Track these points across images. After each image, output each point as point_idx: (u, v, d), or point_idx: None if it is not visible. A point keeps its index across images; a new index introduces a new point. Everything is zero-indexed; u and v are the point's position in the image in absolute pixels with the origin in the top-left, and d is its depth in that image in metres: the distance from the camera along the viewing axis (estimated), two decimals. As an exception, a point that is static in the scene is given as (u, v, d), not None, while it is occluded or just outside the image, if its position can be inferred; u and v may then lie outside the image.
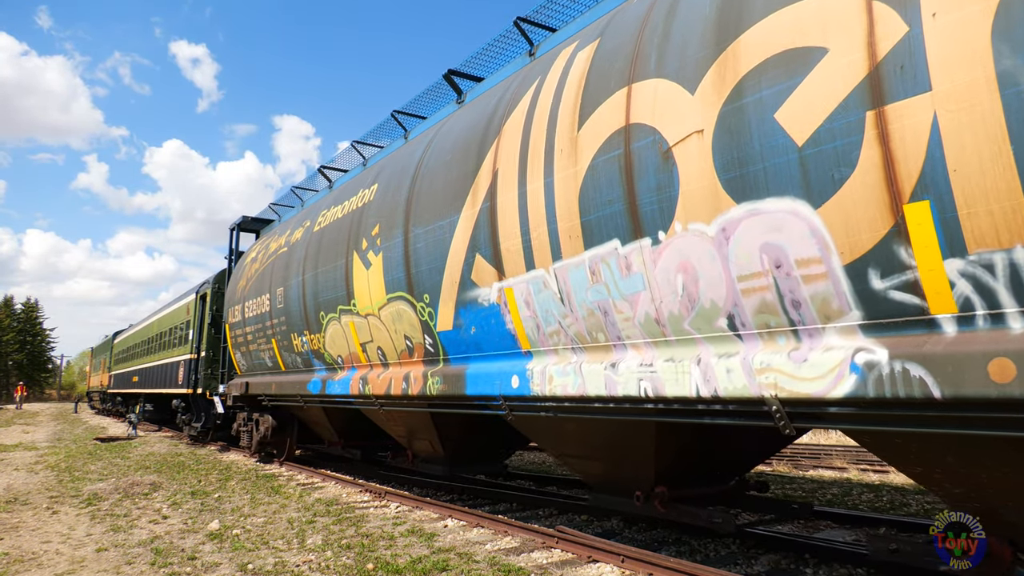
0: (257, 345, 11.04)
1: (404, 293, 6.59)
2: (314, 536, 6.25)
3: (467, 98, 7.14)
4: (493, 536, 6.19)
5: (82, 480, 10.36)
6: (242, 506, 7.94)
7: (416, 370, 6.63)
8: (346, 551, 5.63)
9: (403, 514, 7.35)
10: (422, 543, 5.93)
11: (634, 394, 4.16)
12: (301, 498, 8.44)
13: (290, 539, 6.16)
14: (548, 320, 4.90)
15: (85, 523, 7.10)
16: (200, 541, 6.19)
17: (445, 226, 5.90)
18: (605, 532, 6.30)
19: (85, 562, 5.54)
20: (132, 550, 5.87)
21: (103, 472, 11.26)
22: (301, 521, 6.95)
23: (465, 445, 7.75)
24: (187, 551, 5.79)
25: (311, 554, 5.57)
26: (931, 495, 8.28)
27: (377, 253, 7.04)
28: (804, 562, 5.14)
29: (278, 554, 5.61)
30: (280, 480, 10.16)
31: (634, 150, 4.07)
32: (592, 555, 5.28)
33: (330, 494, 8.82)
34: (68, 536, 6.51)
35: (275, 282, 10.04)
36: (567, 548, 5.54)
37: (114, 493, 9.02)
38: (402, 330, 6.76)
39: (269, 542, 6.05)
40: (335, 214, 8.59)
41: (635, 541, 5.85)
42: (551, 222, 4.71)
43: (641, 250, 4.07)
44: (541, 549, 5.64)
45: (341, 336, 8.05)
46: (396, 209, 6.82)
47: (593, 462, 5.55)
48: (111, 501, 8.40)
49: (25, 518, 7.37)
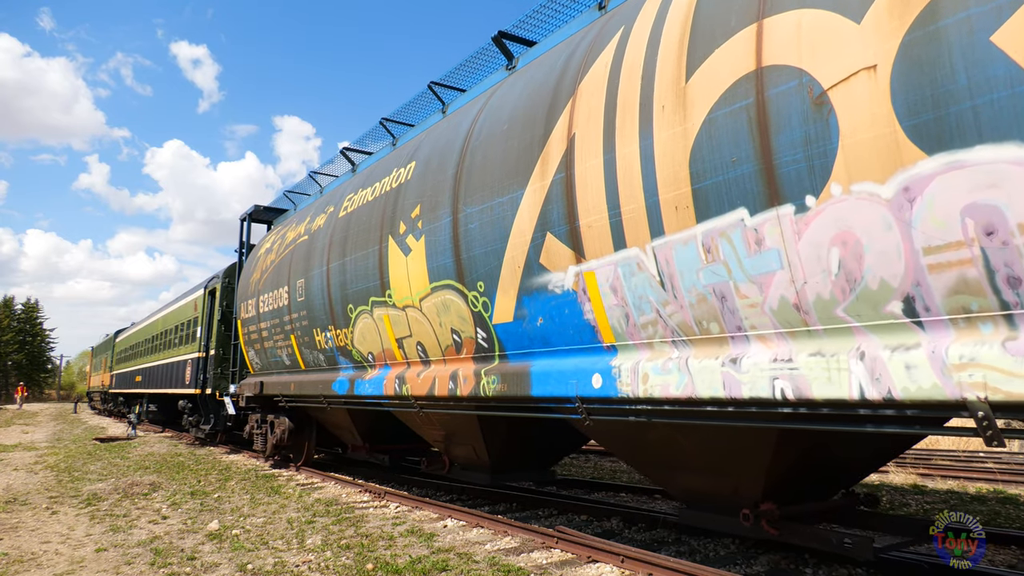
0: (273, 342, 10.29)
1: (452, 281, 5.85)
2: (313, 536, 6.21)
3: (519, 63, 6.39)
4: (493, 536, 6.18)
5: (81, 480, 10.24)
6: (241, 506, 7.90)
7: (465, 368, 5.89)
8: (345, 551, 5.61)
9: (403, 514, 7.32)
10: (422, 543, 5.91)
11: (765, 396, 3.42)
12: (300, 498, 8.36)
13: (289, 539, 6.13)
14: (641, 308, 4.16)
15: (84, 523, 7.03)
16: (199, 541, 6.15)
17: (505, 203, 5.16)
18: (605, 532, 6.31)
19: (84, 562, 5.49)
20: (131, 550, 5.84)
21: (102, 472, 11.16)
22: (300, 521, 6.92)
23: (510, 451, 7.01)
24: (186, 551, 5.77)
25: (310, 554, 5.55)
26: (929, 495, 8.30)
27: (418, 237, 6.30)
28: (804, 562, 5.07)
29: (277, 554, 5.59)
30: (280, 480, 10.05)
31: (771, 98, 3.33)
32: (592, 555, 5.26)
33: (330, 494, 8.72)
34: (67, 536, 6.43)
35: (294, 273, 9.29)
36: (567, 548, 5.52)
37: (113, 493, 8.91)
38: (448, 323, 6.02)
39: (268, 542, 6.02)
40: (364, 197, 7.85)
41: (635, 541, 5.85)
42: (650, 192, 3.97)
43: (778, 220, 3.33)
44: (541, 549, 5.63)
45: (373, 331, 7.31)
46: (441, 187, 6.07)
47: (686, 474, 4.81)
48: (110, 501, 8.34)
49: (24, 518, 7.30)
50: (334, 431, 10.38)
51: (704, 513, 4.80)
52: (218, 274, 15.03)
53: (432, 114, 7.83)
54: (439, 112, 7.66)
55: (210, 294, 15.16)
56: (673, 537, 6.01)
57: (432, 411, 6.65)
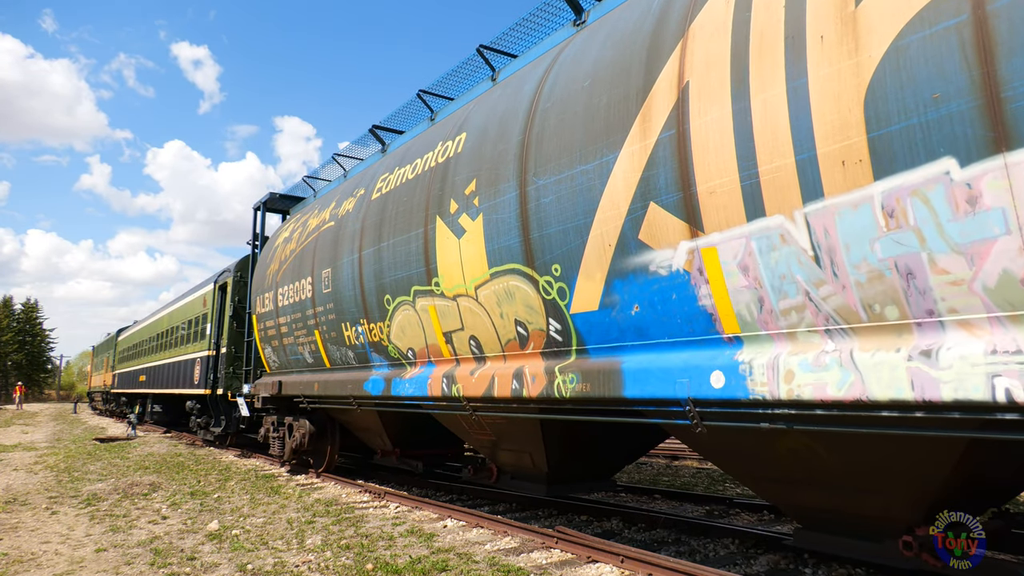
0: (294, 338, 9.52)
1: (518, 265, 5.09)
2: (313, 536, 6.15)
3: (590, 17, 5.62)
4: (492, 536, 6.15)
5: (81, 480, 10.14)
6: (241, 506, 7.83)
7: (533, 365, 5.13)
8: (345, 551, 5.58)
9: (402, 514, 7.27)
10: (421, 543, 5.87)
11: (979, 398, 2.65)
12: (300, 498, 8.29)
13: (289, 539, 6.08)
14: (783, 290, 3.40)
15: (84, 523, 6.96)
16: (199, 541, 6.10)
17: (591, 171, 4.40)
18: (604, 532, 6.27)
19: (84, 562, 5.46)
20: (131, 550, 5.80)
21: (102, 472, 11.05)
22: (300, 521, 6.86)
23: (572, 458, 6.24)
24: (186, 551, 5.73)
25: (310, 554, 5.51)
26: None
27: (475, 216, 5.53)
28: (803, 562, 5.05)
29: (277, 554, 5.55)
30: (279, 480, 9.98)
31: (997, 11, 2.57)
32: (591, 555, 5.24)
33: (329, 494, 8.65)
34: (67, 536, 6.37)
35: (320, 262, 8.52)
36: (566, 548, 5.50)
37: (113, 493, 8.82)
38: (512, 314, 5.26)
39: (268, 542, 5.98)
40: (402, 176, 7.08)
41: (634, 541, 5.82)
42: (802, 145, 3.20)
43: (1006, 171, 2.56)
44: (540, 549, 5.62)
45: (415, 324, 6.54)
46: (503, 158, 5.31)
47: (816, 491, 4.03)
48: (110, 501, 8.26)
49: (24, 518, 7.24)
50: (360, 435, 9.60)
51: (837, 537, 4.02)
52: (229, 267, 14.24)
53: (480, 82, 7.05)
54: (488, 80, 6.89)
55: (220, 289, 14.37)
56: (673, 537, 6.00)
57: (487, 414, 5.88)
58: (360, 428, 9.31)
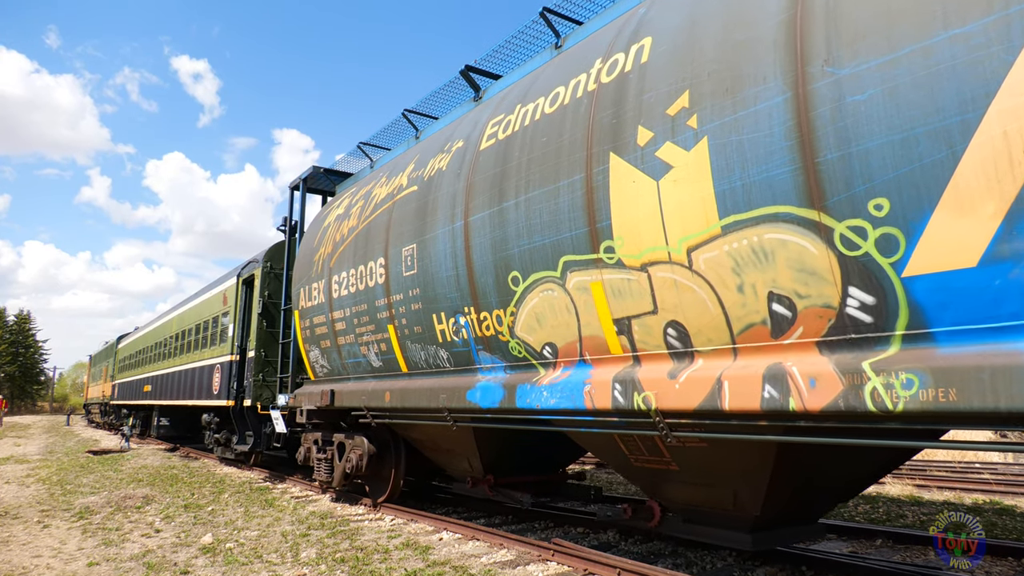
0: (355, 336, 7.73)
1: (789, 207, 3.35)
2: (308, 550, 6.06)
3: None
4: (488, 549, 6.03)
5: (74, 493, 9.97)
6: (235, 519, 7.71)
7: (807, 361, 3.36)
8: (340, 565, 5.50)
9: (398, 527, 7.15)
10: (417, 556, 5.76)
11: None
12: (295, 511, 8.16)
13: (284, 553, 5.98)
14: None
15: (76, 537, 6.87)
16: (193, 555, 5.98)
17: (978, 35, 2.67)
18: (601, 544, 6.15)
19: None
20: (124, 564, 5.69)
21: (95, 485, 10.87)
22: (295, 534, 6.75)
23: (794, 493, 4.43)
24: (180, 565, 5.62)
25: (305, 568, 5.43)
26: (926, 506, 8.13)
27: (691, 143, 3.81)
28: (801, 573, 5.06)
29: (272, 568, 5.45)
30: (274, 493, 9.82)
31: None
32: (588, 568, 5.16)
33: (324, 507, 8.48)
34: (59, 550, 6.25)
35: (397, 238, 6.77)
36: (563, 561, 5.41)
37: (106, 506, 8.69)
38: (766, 283, 3.50)
39: (263, 556, 5.87)
40: (531, 112, 5.37)
41: (631, 554, 5.76)
42: None
43: None
44: (537, 562, 5.51)
45: (561, 309, 4.78)
46: (748, 48, 3.60)
47: None
48: (103, 515, 8.15)
49: (16, 532, 7.13)
50: (435, 456, 7.74)
51: None
52: (256, 257, 12.35)
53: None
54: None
55: (245, 283, 12.49)
56: (670, 549, 5.94)
57: (695, 435, 4.07)
58: (438, 449, 7.46)
